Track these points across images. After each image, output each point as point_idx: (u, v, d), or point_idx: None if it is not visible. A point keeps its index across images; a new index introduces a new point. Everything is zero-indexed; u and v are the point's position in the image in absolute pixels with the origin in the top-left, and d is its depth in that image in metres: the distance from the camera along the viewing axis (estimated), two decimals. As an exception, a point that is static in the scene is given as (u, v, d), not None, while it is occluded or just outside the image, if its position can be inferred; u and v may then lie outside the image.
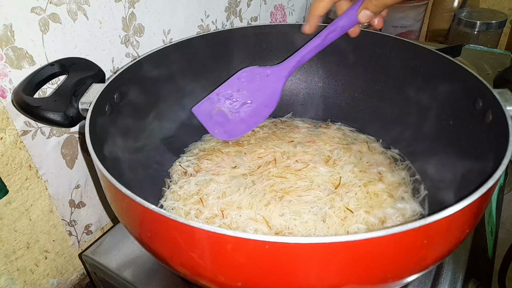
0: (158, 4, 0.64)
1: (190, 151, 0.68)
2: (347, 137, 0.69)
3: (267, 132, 0.71)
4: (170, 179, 0.63)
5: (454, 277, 0.52)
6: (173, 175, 0.63)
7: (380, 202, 0.56)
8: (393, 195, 0.58)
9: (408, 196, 0.58)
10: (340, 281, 0.36)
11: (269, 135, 0.70)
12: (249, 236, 0.31)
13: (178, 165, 0.64)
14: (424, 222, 0.32)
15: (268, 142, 0.68)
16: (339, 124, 0.73)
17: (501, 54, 0.93)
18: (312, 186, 0.58)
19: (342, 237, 0.31)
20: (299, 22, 0.99)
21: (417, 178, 0.61)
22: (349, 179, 0.60)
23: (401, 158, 0.65)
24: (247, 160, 0.64)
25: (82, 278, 0.68)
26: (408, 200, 0.57)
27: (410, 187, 0.60)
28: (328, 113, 0.74)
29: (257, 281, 0.36)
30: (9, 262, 0.56)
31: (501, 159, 0.40)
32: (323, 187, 0.58)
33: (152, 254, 0.42)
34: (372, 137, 0.69)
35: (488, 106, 0.49)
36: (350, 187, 0.58)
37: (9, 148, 0.51)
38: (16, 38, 0.48)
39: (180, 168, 0.63)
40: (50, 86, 0.54)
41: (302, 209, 0.55)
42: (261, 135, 0.70)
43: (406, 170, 0.63)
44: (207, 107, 0.65)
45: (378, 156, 0.65)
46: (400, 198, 0.58)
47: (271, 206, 0.55)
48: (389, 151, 0.67)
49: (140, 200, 0.35)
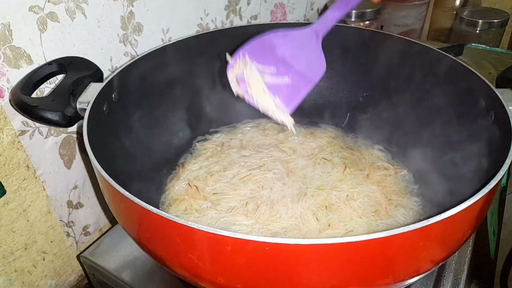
0: (157, 2, 0.63)
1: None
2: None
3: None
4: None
5: (456, 278, 0.52)
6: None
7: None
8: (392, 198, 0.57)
9: (409, 196, 0.58)
10: (341, 283, 0.35)
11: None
12: (248, 237, 0.31)
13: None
14: (426, 223, 0.32)
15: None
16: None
17: (503, 53, 0.92)
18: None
19: (343, 238, 0.30)
20: (300, 20, 0.98)
21: (418, 178, 0.61)
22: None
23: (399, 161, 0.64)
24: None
25: (80, 280, 0.67)
26: (409, 201, 0.57)
27: (412, 188, 0.59)
28: (326, 112, 0.74)
29: (257, 283, 0.36)
30: (7, 263, 0.55)
31: (503, 159, 0.39)
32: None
33: (150, 255, 0.42)
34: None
35: (490, 106, 0.49)
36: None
37: (6, 148, 0.51)
38: (14, 37, 0.48)
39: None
40: (48, 85, 0.54)
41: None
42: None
43: (406, 170, 0.62)
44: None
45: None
46: (401, 199, 0.57)
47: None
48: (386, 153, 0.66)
49: (138, 201, 0.35)
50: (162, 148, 0.64)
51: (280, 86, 0.54)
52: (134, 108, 0.58)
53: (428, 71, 0.61)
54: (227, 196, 0.57)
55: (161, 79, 0.62)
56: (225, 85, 0.71)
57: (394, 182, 0.60)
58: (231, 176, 0.61)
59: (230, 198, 0.57)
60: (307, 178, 0.60)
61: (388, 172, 0.61)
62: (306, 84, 0.54)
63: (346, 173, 0.61)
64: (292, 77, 0.55)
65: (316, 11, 1.02)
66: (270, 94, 0.53)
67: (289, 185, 0.59)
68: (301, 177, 0.60)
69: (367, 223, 0.53)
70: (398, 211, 0.55)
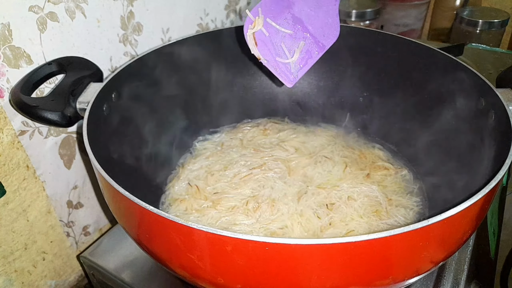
0: (157, 2, 0.63)
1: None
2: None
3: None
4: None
5: (456, 278, 0.52)
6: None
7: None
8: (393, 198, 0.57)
9: (409, 196, 0.58)
10: (341, 283, 0.35)
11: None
12: (248, 237, 0.31)
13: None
14: (426, 223, 0.32)
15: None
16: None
17: (504, 53, 0.92)
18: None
19: (343, 238, 0.30)
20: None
21: (418, 178, 0.61)
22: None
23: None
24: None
25: (80, 280, 0.67)
26: (409, 201, 0.57)
27: (412, 188, 0.59)
28: (327, 112, 0.74)
29: (257, 283, 0.36)
30: (7, 263, 0.55)
31: (503, 159, 0.39)
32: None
33: (150, 255, 0.42)
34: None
35: (490, 106, 0.49)
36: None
37: (6, 148, 0.51)
38: (14, 37, 0.48)
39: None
40: (47, 85, 0.54)
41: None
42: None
43: (406, 170, 0.62)
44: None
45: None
46: (401, 199, 0.57)
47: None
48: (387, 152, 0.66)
49: (138, 201, 0.35)
50: (162, 148, 0.64)
51: (293, 49, 0.52)
52: (134, 108, 0.58)
53: (428, 71, 0.61)
54: (228, 196, 0.57)
55: (161, 79, 0.62)
56: (225, 85, 0.71)
57: (395, 181, 0.60)
58: (231, 175, 0.61)
59: (230, 197, 0.57)
60: (307, 177, 0.60)
61: (389, 172, 0.61)
62: (318, 50, 0.53)
63: (346, 172, 0.61)
64: (306, 41, 0.53)
65: (316, 11, 1.02)
66: (287, 53, 0.51)
67: (290, 184, 0.59)
68: (302, 176, 0.61)
69: (367, 223, 0.53)
70: (398, 211, 0.55)
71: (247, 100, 0.73)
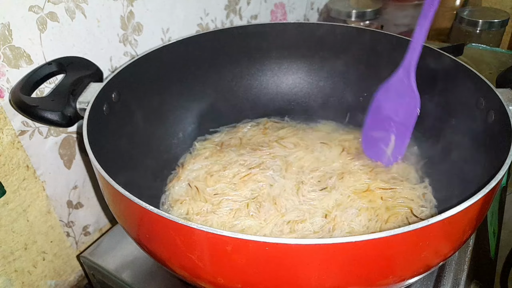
0: (157, 2, 0.63)
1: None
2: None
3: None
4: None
5: (456, 278, 0.52)
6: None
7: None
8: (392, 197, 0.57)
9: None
10: (342, 283, 0.35)
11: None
12: (248, 237, 0.31)
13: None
14: (426, 223, 0.32)
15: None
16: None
17: (504, 53, 0.92)
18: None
19: (343, 238, 0.30)
20: (300, 20, 0.98)
21: (418, 178, 0.61)
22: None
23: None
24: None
25: (80, 280, 0.67)
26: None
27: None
28: (327, 112, 0.74)
29: (257, 283, 0.36)
30: (7, 263, 0.55)
31: (503, 159, 0.39)
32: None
33: (150, 255, 0.42)
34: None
35: (490, 106, 0.49)
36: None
37: (6, 148, 0.51)
38: (14, 37, 0.48)
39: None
40: (47, 85, 0.53)
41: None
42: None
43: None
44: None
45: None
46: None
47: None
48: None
49: (138, 201, 0.35)
50: (162, 148, 0.64)
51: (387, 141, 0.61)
52: (134, 108, 0.58)
53: (428, 71, 0.61)
54: (228, 198, 0.57)
55: (161, 79, 0.62)
56: (225, 85, 0.71)
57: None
58: (231, 176, 0.61)
59: (231, 199, 0.57)
60: (303, 167, 0.61)
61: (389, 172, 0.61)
62: (406, 131, 0.59)
63: (342, 154, 0.61)
64: (396, 130, 0.60)
65: (316, 11, 1.02)
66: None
67: (288, 177, 0.59)
68: (298, 167, 0.61)
69: (368, 223, 0.53)
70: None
71: (247, 100, 0.73)
